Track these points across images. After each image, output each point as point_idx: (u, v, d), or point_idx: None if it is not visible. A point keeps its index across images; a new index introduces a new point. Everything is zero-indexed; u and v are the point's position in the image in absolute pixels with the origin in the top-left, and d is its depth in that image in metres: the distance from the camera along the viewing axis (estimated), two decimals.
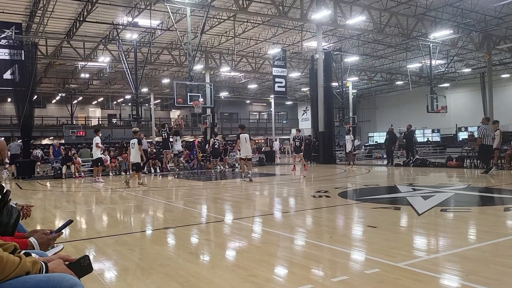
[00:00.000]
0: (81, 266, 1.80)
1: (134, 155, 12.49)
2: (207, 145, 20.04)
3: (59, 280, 1.65)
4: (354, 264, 3.95)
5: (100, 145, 14.92)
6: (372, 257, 3.99)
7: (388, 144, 19.99)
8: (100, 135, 15.41)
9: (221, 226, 6.21)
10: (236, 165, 21.26)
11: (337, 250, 4.38)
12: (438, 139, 39.88)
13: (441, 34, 22.94)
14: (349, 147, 19.25)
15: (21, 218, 3.49)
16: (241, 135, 13.75)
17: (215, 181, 14.57)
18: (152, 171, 18.89)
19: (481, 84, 36.53)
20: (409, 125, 20.25)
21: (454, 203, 7.74)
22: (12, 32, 17.51)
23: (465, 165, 15.77)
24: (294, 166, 18.53)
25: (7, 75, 17.60)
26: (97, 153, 15.01)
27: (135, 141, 12.54)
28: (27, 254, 1.74)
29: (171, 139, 18.18)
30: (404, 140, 20.80)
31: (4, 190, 2.41)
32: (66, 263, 1.79)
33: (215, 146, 16.82)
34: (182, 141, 20.49)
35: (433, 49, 25.25)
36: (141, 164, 13.20)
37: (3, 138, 3.60)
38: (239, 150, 14.39)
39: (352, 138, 20.06)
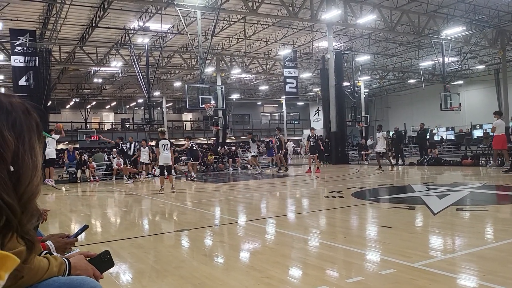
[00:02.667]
0: (102, 261, 1.83)
1: (169, 158, 11.70)
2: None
3: (80, 283, 1.69)
4: (369, 264, 3.92)
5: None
6: (387, 257, 3.96)
7: (395, 144, 19.74)
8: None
9: (234, 228, 6.22)
10: (249, 166, 21.32)
11: (352, 250, 4.35)
12: (452, 137, 39.38)
13: (453, 31, 22.66)
14: (381, 147, 16.51)
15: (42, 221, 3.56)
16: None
17: (227, 183, 14.60)
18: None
19: (495, 81, 35.96)
20: (422, 124, 20.05)
21: (470, 202, 7.64)
22: (26, 39, 17.81)
23: (480, 163, 15.54)
24: (310, 168, 16.80)
25: (22, 82, 17.89)
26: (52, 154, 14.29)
27: (166, 142, 11.71)
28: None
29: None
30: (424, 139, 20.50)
31: None
32: (87, 258, 1.82)
33: (193, 148, 17.38)
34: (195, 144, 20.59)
35: (446, 46, 24.95)
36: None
37: None
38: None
39: (385, 135, 16.98)
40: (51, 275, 1.63)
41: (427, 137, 21.07)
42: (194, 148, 17.53)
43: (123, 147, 17.38)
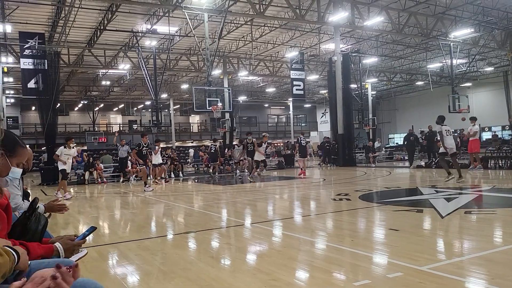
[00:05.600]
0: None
1: (258, 154, 15.16)
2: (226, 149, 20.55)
3: (82, 286, 1.70)
4: (376, 268, 3.90)
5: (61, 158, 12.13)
6: (394, 260, 3.94)
7: (409, 146, 19.59)
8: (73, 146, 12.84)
9: (241, 230, 6.22)
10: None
11: (359, 253, 4.33)
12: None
13: (461, 33, 22.51)
14: (450, 144, 11.19)
15: (49, 216, 3.61)
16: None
17: (234, 185, 14.60)
18: (173, 176, 19.09)
19: (504, 83, 35.67)
20: (430, 126, 19.94)
21: (479, 205, 7.58)
22: (35, 42, 18.00)
23: (489, 166, 15.42)
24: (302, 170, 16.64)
25: (31, 84, 18.07)
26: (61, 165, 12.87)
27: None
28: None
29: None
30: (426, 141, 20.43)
31: (31, 198, 2.49)
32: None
33: (212, 151, 18.13)
34: (201, 146, 20.84)
35: (454, 48, 24.80)
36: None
37: (28, 146, 3.70)
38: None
39: (448, 129, 11.21)
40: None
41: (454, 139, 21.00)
42: (212, 151, 19.57)
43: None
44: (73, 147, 12.74)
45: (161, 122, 25.04)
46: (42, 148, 24.86)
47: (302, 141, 16.25)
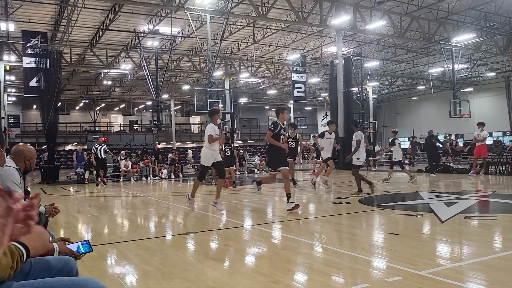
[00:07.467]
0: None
1: (397, 153, 14.19)
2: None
3: (83, 284, 1.70)
4: (375, 271, 3.90)
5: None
6: (393, 264, 3.94)
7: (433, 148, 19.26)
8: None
9: (240, 232, 6.22)
10: (255, 170, 21.30)
11: (358, 257, 4.33)
12: (461, 145, 39.03)
13: (463, 38, 22.52)
14: (363, 156, 11.13)
15: (49, 216, 3.65)
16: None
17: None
18: (173, 176, 19.09)
19: (505, 89, 35.69)
20: (430, 130, 19.93)
21: (479, 210, 7.57)
22: (38, 41, 18.03)
23: (489, 171, 15.42)
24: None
25: (33, 83, 18.10)
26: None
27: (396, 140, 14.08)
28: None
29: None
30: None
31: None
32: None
33: (227, 154, 15.50)
34: (202, 147, 20.55)
35: (456, 53, 24.82)
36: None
37: (29, 144, 3.71)
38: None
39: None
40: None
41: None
42: (227, 153, 15.71)
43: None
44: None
45: (162, 123, 25.04)
46: (43, 147, 24.86)
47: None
